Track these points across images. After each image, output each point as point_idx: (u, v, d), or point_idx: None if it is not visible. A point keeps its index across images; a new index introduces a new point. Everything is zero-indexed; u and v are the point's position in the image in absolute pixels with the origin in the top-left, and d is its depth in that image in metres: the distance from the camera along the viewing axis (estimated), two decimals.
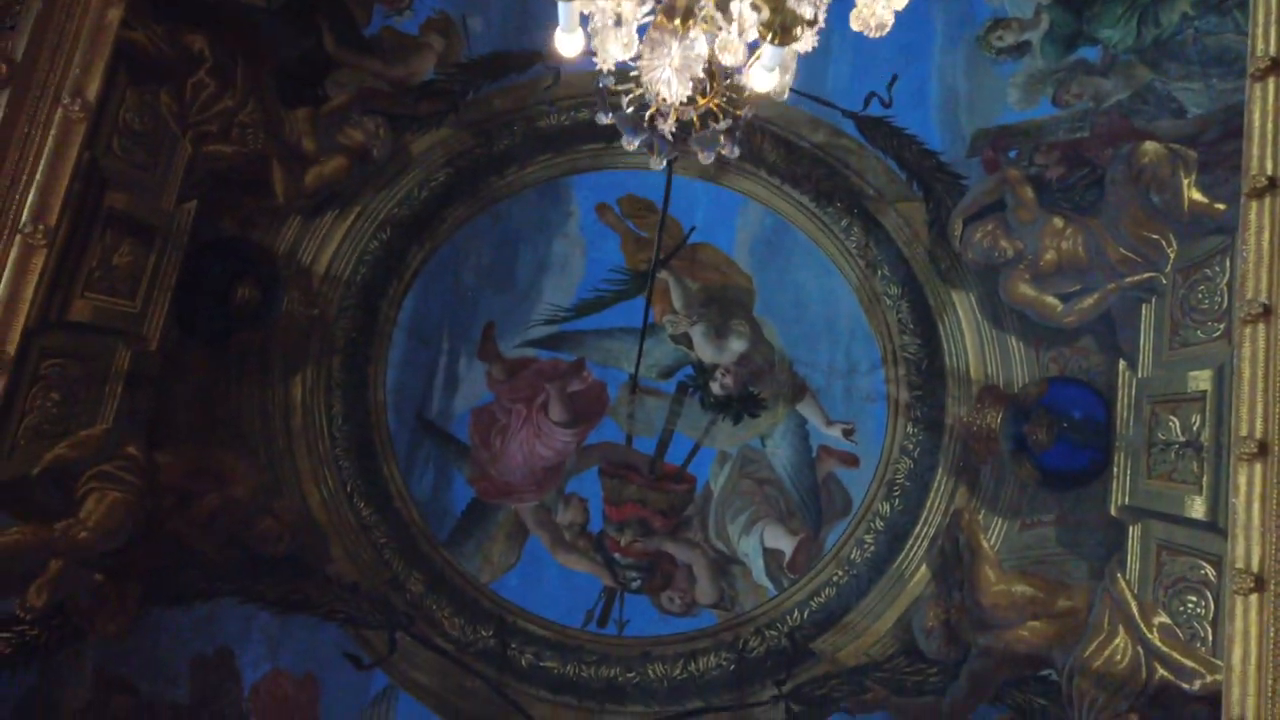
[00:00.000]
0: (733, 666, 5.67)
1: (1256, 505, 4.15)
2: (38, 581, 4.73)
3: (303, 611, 5.47)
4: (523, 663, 5.71)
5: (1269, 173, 4.29)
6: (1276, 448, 4.11)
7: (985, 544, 5.45)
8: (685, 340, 6.11)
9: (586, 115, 6.18)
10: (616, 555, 5.88)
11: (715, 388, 6.00)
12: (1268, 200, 4.35)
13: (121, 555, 5.05)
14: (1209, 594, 4.68)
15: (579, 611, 5.82)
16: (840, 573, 5.68)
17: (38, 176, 4.34)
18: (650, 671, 5.72)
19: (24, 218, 4.31)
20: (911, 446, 5.73)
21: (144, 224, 5.17)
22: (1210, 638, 4.61)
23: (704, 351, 6.06)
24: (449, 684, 5.64)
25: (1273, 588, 4.01)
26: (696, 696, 5.65)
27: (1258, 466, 4.21)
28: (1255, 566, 4.07)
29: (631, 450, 6.02)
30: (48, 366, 4.84)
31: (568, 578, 5.87)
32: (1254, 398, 4.25)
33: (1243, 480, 4.24)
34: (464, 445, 5.93)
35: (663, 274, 6.09)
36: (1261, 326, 4.28)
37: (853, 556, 5.68)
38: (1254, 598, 4.07)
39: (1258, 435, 4.19)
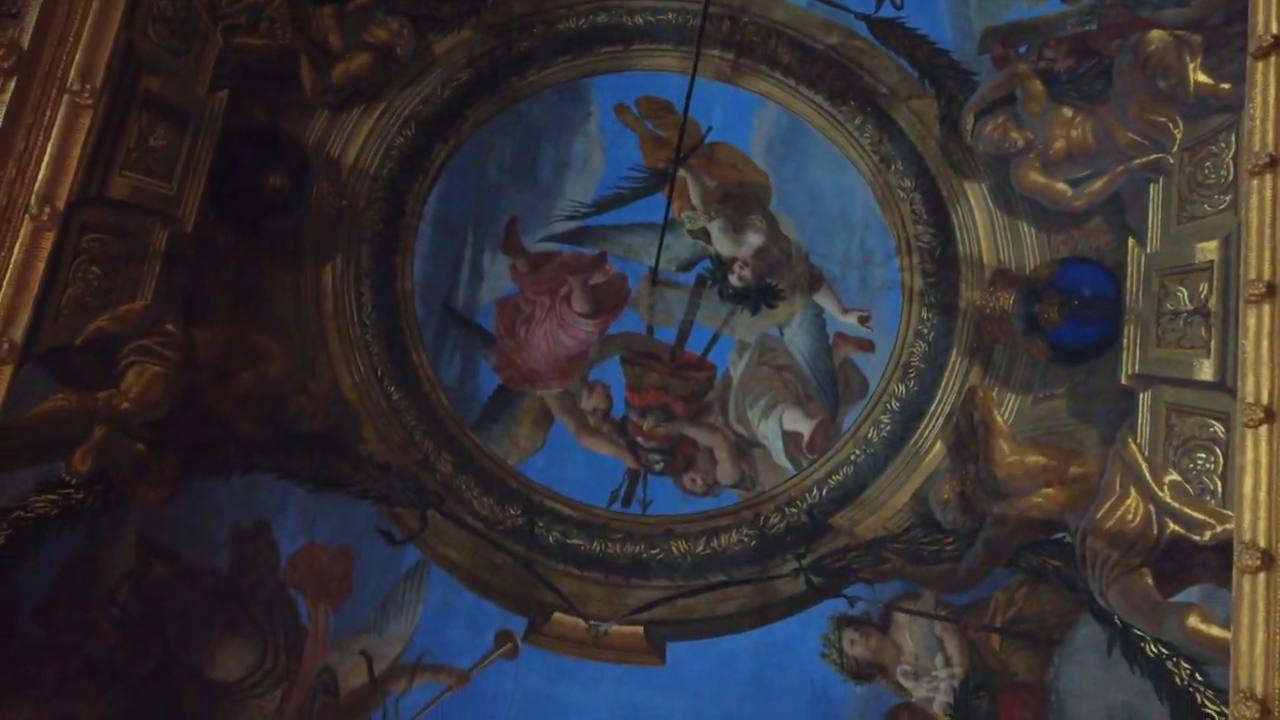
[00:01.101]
0: (754, 542, 5.84)
1: (1265, 342, 4.33)
2: (82, 448, 4.88)
3: (336, 489, 5.63)
4: (550, 540, 5.89)
5: (1274, 32, 4.49)
6: None
7: (999, 419, 5.62)
8: (703, 235, 6.26)
9: (605, 19, 6.33)
10: (639, 439, 6.05)
11: (733, 280, 6.16)
12: (1273, 59, 4.55)
13: (162, 427, 5.21)
14: (1218, 449, 4.85)
15: (604, 492, 5.99)
16: (857, 452, 5.85)
17: (83, 39, 4.54)
18: (674, 548, 5.90)
19: (71, 77, 4.50)
20: (926, 330, 5.89)
21: (178, 109, 5.32)
22: (1220, 490, 4.78)
23: (722, 245, 6.22)
24: (479, 559, 5.82)
25: None
26: (719, 571, 5.83)
27: (1265, 307, 4.39)
28: (1265, 399, 4.25)
29: (653, 340, 6.18)
30: (89, 240, 5.00)
31: (592, 460, 6.03)
32: (1261, 244, 4.44)
33: (1251, 321, 4.42)
34: (489, 335, 6.08)
35: (681, 171, 6.23)
36: (1268, 177, 4.46)
37: (869, 436, 5.85)
38: (1264, 429, 4.25)
39: (1265, 278, 4.37)
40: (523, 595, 5.81)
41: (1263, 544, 4.05)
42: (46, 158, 4.43)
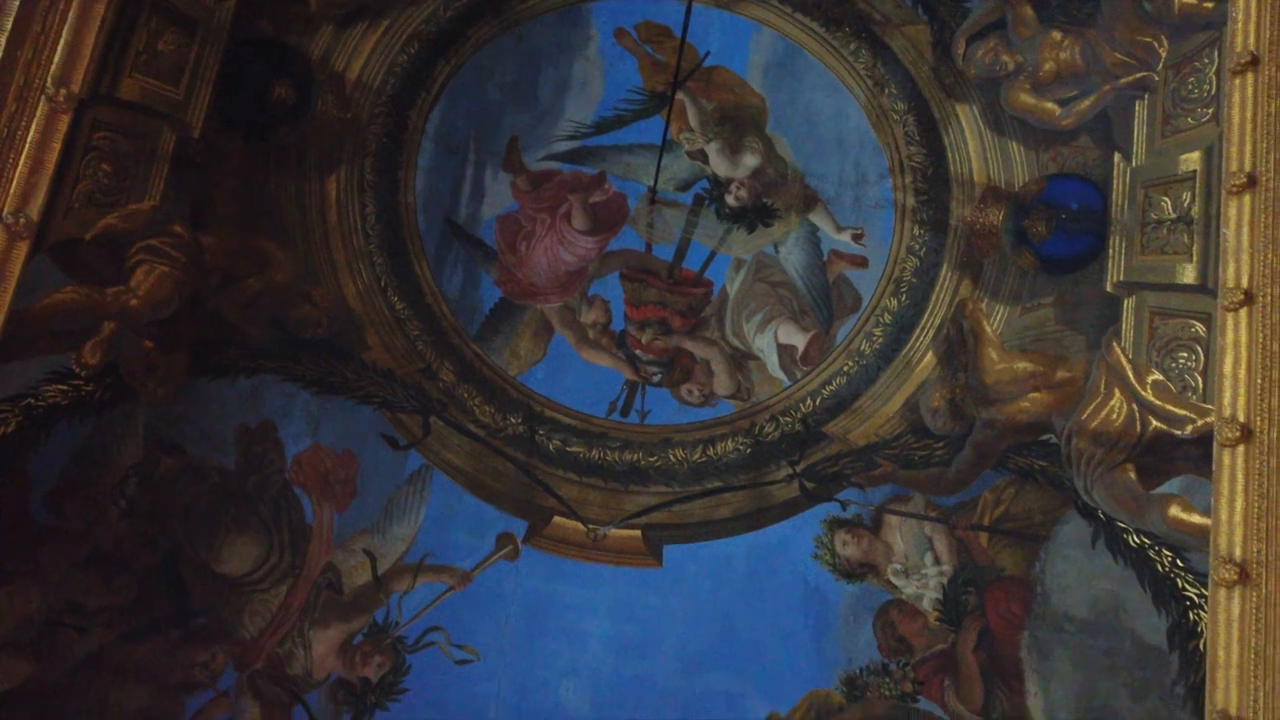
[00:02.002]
0: (749, 450, 5.99)
1: (1245, 230, 4.50)
2: (91, 341, 4.98)
3: (340, 393, 5.73)
4: (550, 448, 6.01)
5: None
6: (1263, 179, 4.49)
7: (988, 328, 5.78)
8: (701, 156, 6.37)
9: None
10: (638, 352, 6.17)
11: (730, 199, 6.28)
12: None
13: (169, 326, 5.29)
14: (1199, 348, 5.04)
15: (603, 403, 6.12)
16: (850, 363, 5.99)
17: None
18: (671, 456, 6.04)
19: None
20: (918, 246, 6.04)
21: (186, 15, 5.39)
22: (1201, 387, 4.97)
23: (719, 166, 6.34)
24: (481, 465, 5.94)
25: (1260, 301, 4.39)
26: (715, 477, 5.97)
27: (1245, 197, 4.56)
28: (1245, 283, 4.42)
29: (651, 257, 6.30)
30: (99, 137, 5.07)
31: (592, 372, 6.15)
32: (1242, 139, 4.60)
33: (1233, 212, 4.60)
34: (491, 249, 6.18)
35: (679, 94, 6.34)
36: (1249, 75, 4.63)
37: (862, 348, 6.00)
38: (1243, 311, 4.42)
39: (1246, 169, 4.54)
40: (523, 500, 5.94)
41: (1241, 418, 4.23)
42: (62, 42, 4.51)
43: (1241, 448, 4.21)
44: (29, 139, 4.41)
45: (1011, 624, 5.31)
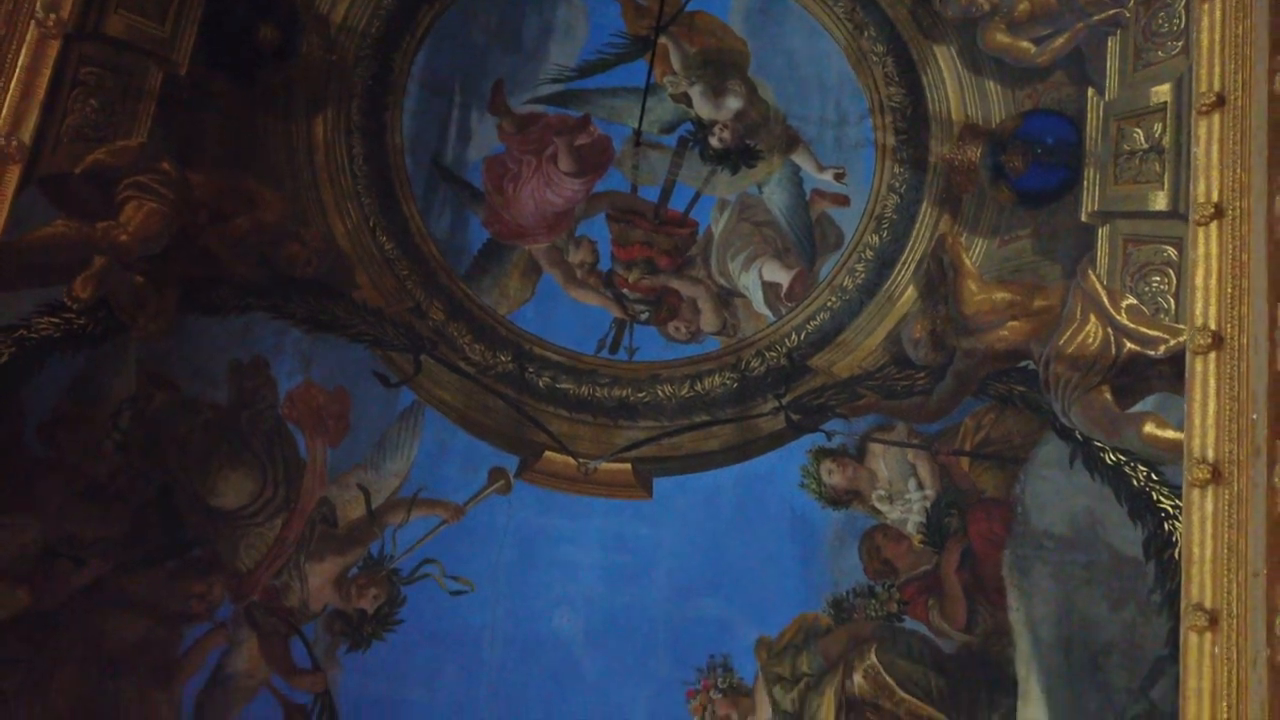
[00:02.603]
0: (735, 384, 6.10)
1: (1215, 147, 4.66)
2: (83, 275, 5.01)
3: (332, 331, 5.77)
4: (540, 384, 6.09)
5: None
6: (1231, 98, 4.64)
7: (967, 261, 5.91)
8: (685, 99, 6.45)
9: None
10: (625, 290, 6.26)
11: (714, 141, 6.37)
12: None
13: (159, 262, 5.31)
14: (1171, 271, 5.20)
15: (591, 340, 6.21)
16: (834, 299, 6.11)
17: None
18: (659, 391, 6.14)
19: None
20: (898, 184, 6.16)
21: None
22: (1173, 308, 5.12)
23: (702, 109, 6.42)
24: (472, 402, 6.01)
25: (1229, 215, 4.54)
26: (702, 411, 6.08)
27: (1215, 116, 4.71)
28: (1215, 197, 4.58)
29: (637, 198, 6.38)
30: (86, 73, 5.09)
31: (580, 311, 6.24)
32: (1211, 60, 4.76)
33: (1202, 131, 4.75)
34: (478, 191, 6.24)
35: (662, 39, 6.41)
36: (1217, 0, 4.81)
37: (845, 284, 6.12)
38: (1214, 225, 4.58)
39: (1215, 89, 4.71)
40: (514, 435, 6.02)
41: (1213, 326, 4.39)
42: None
43: (1213, 354, 4.37)
44: (19, 63, 4.45)
45: (993, 543, 5.46)
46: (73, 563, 4.96)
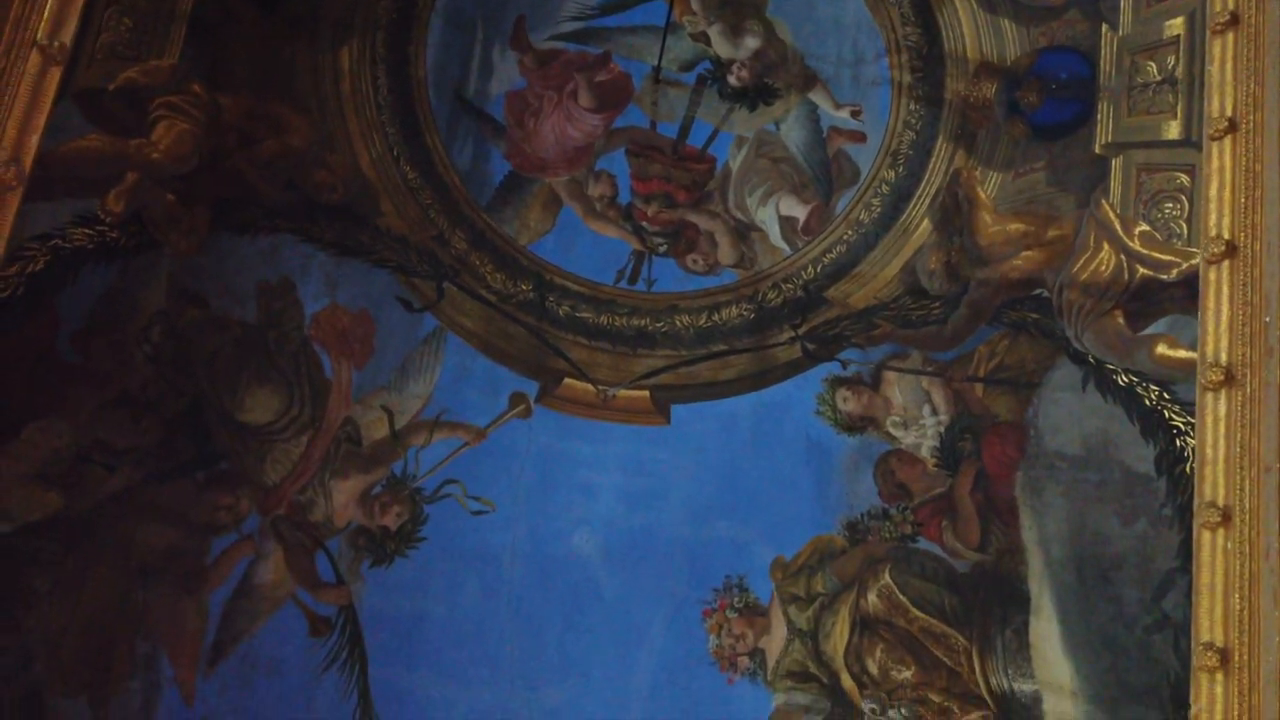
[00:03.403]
0: (752, 315, 6.19)
1: (1229, 65, 4.72)
2: (116, 189, 5.12)
3: (357, 256, 5.87)
4: (560, 313, 6.19)
5: None
6: (1245, 16, 4.74)
7: (982, 194, 5.98)
8: (703, 38, 6.52)
9: None
10: (644, 224, 6.35)
11: (732, 80, 6.44)
12: None
13: (191, 181, 5.42)
14: (1184, 197, 5.30)
15: (611, 271, 6.30)
16: (850, 232, 6.20)
17: None
18: (677, 321, 6.24)
19: None
20: (914, 121, 6.24)
21: None
22: (1186, 233, 5.23)
23: (721, 48, 6.50)
24: (493, 329, 6.11)
25: (1243, 128, 4.64)
26: (720, 341, 6.18)
27: (1229, 35, 4.77)
28: (1229, 112, 4.67)
29: (655, 134, 6.46)
30: None
31: (599, 243, 6.33)
32: None
33: (1217, 50, 4.81)
34: (500, 124, 6.32)
35: None
36: None
37: (861, 218, 6.21)
38: (1227, 140, 4.66)
39: (1230, 8, 4.80)
40: (535, 362, 6.12)
41: (1226, 235, 4.47)
42: None
43: (1226, 262, 4.45)
44: None
45: (1006, 466, 5.55)
46: (104, 469, 5.08)
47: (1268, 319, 4.31)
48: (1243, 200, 4.58)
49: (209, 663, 5.47)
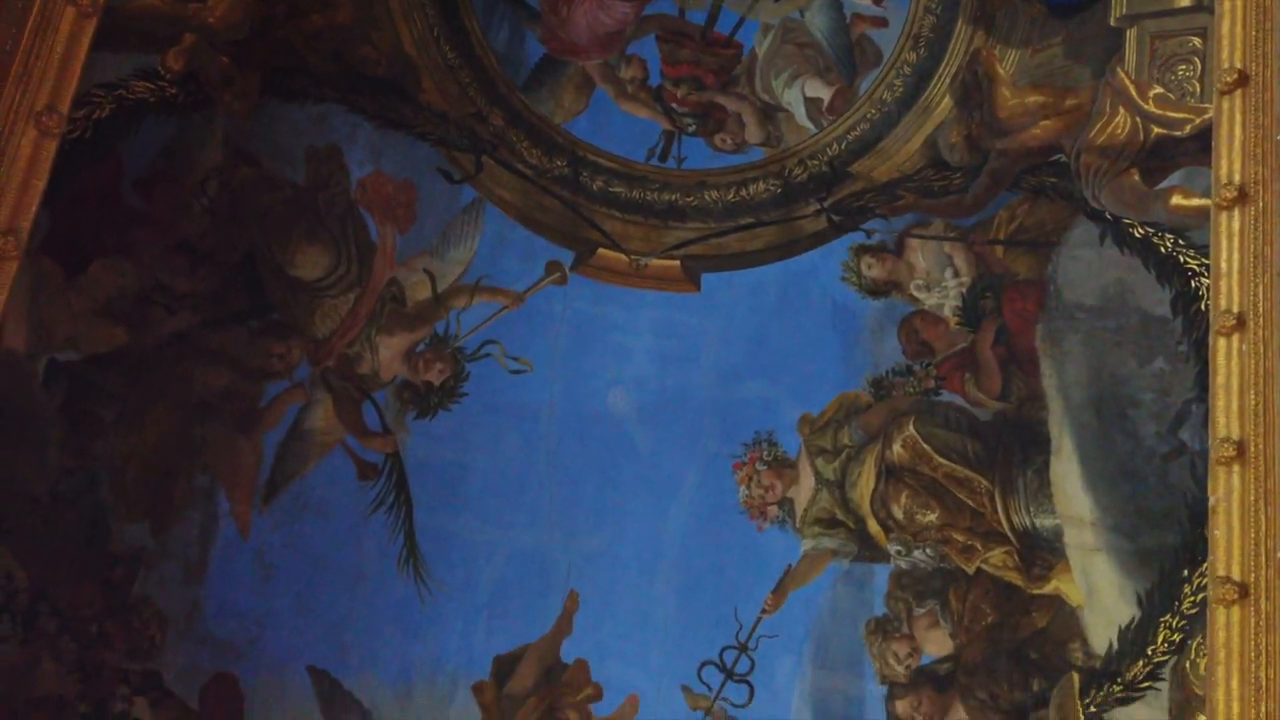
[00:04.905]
0: (779, 190, 6.41)
1: None
2: (175, 48, 5.41)
3: (399, 129, 6.11)
4: (594, 188, 6.42)
5: None
6: None
7: (1001, 71, 6.19)
8: None
9: None
10: (674, 105, 6.58)
11: None
12: None
13: (243, 47, 5.67)
14: (1197, 59, 5.50)
15: (642, 149, 6.51)
16: (873, 111, 6.41)
17: None
18: (706, 196, 6.45)
19: None
20: (934, 5, 6.44)
21: None
22: (1199, 91, 5.45)
23: None
24: (529, 201, 6.34)
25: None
26: (748, 214, 6.39)
27: None
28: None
29: (684, 21, 6.68)
30: None
31: (631, 122, 6.54)
32: None
33: None
34: (534, 9, 6.56)
35: None
36: None
37: (884, 97, 6.42)
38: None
39: None
40: (570, 232, 6.35)
41: (1239, 65, 4.65)
42: None
43: (1239, 92, 4.67)
44: None
45: (1027, 320, 5.75)
46: (165, 310, 5.33)
47: (1279, 137, 4.54)
48: (1254, 34, 4.79)
49: (263, 499, 5.72)
